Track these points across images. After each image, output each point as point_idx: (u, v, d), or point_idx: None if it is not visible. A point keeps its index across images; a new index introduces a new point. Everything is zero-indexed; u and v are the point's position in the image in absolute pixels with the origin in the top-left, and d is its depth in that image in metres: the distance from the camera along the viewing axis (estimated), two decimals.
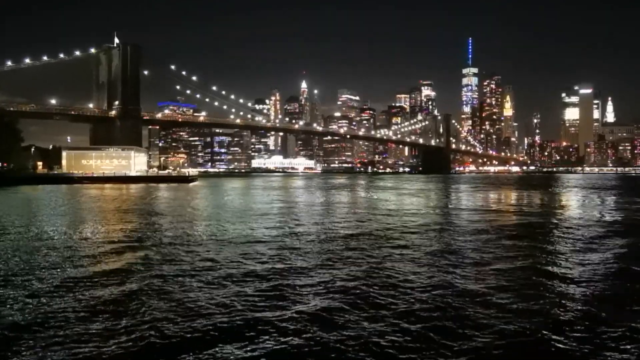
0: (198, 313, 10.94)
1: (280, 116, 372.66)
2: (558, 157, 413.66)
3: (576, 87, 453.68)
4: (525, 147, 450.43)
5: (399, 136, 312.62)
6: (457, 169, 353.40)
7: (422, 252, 18.71)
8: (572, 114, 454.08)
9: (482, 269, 15.67)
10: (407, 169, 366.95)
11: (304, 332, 9.78)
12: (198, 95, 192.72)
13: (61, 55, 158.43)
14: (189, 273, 14.95)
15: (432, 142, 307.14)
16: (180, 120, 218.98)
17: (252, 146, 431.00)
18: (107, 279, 14.10)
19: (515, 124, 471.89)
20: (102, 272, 15.07)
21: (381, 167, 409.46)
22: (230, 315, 10.82)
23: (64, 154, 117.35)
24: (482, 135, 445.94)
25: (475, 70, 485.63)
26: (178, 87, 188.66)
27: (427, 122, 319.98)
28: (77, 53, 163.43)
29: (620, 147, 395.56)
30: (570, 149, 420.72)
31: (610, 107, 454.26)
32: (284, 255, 17.95)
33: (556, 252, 18.99)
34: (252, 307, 11.37)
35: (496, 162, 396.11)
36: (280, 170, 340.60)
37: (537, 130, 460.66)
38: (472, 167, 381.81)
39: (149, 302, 11.75)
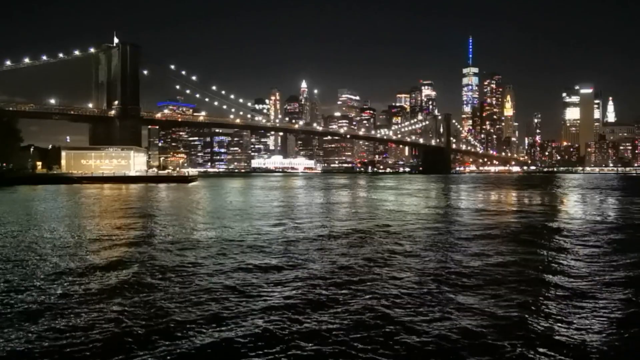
0: (189, 311, 10.84)
1: (280, 116, 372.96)
2: (559, 157, 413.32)
3: (577, 87, 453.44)
4: (526, 147, 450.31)
5: (399, 136, 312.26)
6: (457, 169, 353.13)
7: (419, 252, 18.43)
8: (572, 113, 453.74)
9: (478, 269, 15.33)
10: (407, 169, 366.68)
11: (294, 332, 9.63)
12: (197, 95, 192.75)
13: (60, 55, 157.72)
14: (182, 272, 14.79)
15: (433, 142, 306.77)
16: (179, 120, 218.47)
17: (252, 146, 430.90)
18: (99, 278, 14.05)
19: (516, 123, 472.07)
20: (95, 271, 15.02)
21: (381, 167, 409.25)
22: (219, 312, 10.79)
23: (63, 153, 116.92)
24: (482, 135, 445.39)
25: (475, 69, 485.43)
26: (177, 86, 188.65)
27: (427, 122, 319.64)
28: (77, 53, 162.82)
29: (621, 147, 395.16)
30: (571, 149, 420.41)
31: (611, 106, 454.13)
32: (281, 255, 17.70)
33: (555, 253, 18.66)
34: (243, 306, 11.17)
35: (497, 162, 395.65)
36: (280, 170, 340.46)
37: (538, 130, 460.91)
38: (473, 167, 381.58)
39: (135, 300, 11.73)
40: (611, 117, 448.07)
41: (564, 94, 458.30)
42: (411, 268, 15.78)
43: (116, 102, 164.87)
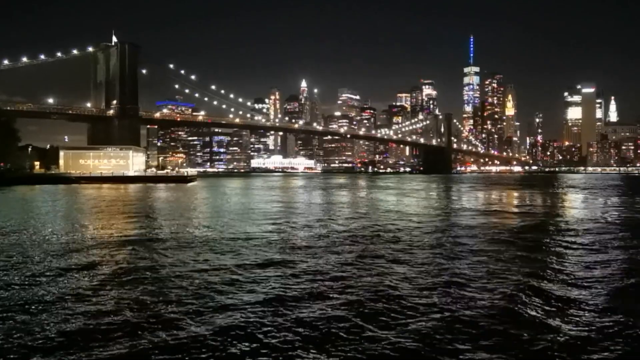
0: (187, 313, 10.83)
1: (279, 115, 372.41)
2: (560, 157, 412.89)
3: (578, 86, 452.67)
4: (528, 147, 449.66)
5: (399, 136, 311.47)
6: (458, 168, 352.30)
7: (417, 252, 17.67)
8: (574, 113, 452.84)
9: (478, 272, 14.57)
10: (408, 169, 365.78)
11: (294, 332, 9.61)
12: (197, 94, 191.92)
13: (59, 54, 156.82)
14: (179, 272, 14.66)
15: (434, 142, 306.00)
16: (178, 119, 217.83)
17: (252, 146, 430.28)
18: (95, 278, 14.11)
19: (517, 123, 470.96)
20: (91, 270, 15.19)
21: (382, 167, 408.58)
22: (215, 310, 10.90)
23: (61, 153, 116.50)
24: (483, 135, 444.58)
25: (476, 69, 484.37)
26: (177, 86, 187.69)
27: (428, 122, 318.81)
28: (75, 52, 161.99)
29: (623, 147, 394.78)
30: (573, 149, 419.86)
31: (613, 106, 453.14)
32: (280, 256, 17.27)
33: (558, 255, 17.82)
34: (243, 306, 11.03)
35: (498, 162, 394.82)
36: (280, 170, 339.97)
37: (539, 130, 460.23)
38: (474, 167, 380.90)
39: (132, 302, 11.68)
40: (613, 116, 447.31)
41: (566, 94, 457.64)
42: (410, 269, 14.98)
43: (115, 102, 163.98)
